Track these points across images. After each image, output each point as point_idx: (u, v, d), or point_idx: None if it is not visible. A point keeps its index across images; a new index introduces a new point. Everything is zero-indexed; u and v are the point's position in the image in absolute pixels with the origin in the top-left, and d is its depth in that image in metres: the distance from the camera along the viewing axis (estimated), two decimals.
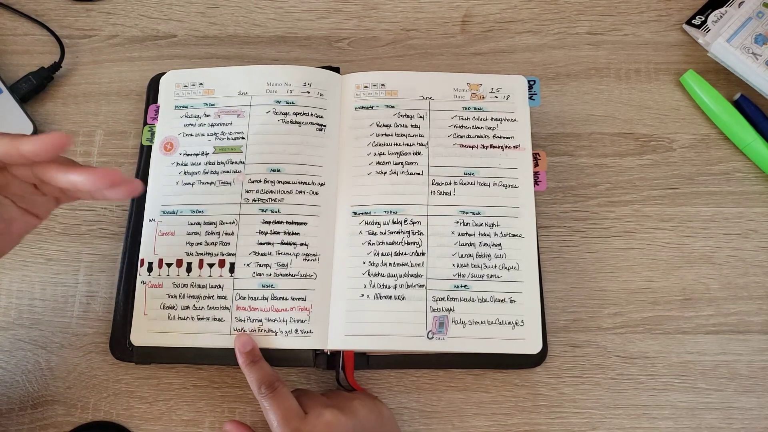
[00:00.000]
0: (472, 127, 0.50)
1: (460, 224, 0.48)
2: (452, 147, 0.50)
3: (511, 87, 0.51)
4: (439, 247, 0.47)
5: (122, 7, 0.59)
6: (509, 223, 0.48)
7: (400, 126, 0.50)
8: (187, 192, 0.49)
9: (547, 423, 0.47)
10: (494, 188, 0.48)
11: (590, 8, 0.59)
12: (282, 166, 0.49)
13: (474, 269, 0.47)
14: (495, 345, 0.45)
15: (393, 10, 0.59)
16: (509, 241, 0.47)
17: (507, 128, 0.50)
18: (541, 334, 0.46)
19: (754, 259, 0.51)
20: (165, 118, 0.51)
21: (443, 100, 0.51)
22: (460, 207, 0.48)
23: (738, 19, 0.55)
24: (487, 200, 0.48)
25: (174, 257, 0.47)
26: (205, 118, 0.51)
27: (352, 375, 0.46)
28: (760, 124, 0.53)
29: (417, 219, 0.48)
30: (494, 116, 0.50)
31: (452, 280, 0.46)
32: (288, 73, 0.51)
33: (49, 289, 0.50)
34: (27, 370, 0.48)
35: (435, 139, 0.50)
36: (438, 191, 0.48)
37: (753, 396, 0.48)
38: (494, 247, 0.47)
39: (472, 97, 0.51)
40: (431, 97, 0.51)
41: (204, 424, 0.47)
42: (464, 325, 0.45)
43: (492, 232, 0.47)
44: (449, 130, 0.50)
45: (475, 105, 0.51)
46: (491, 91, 0.51)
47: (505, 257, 0.47)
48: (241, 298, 0.46)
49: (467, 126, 0.50)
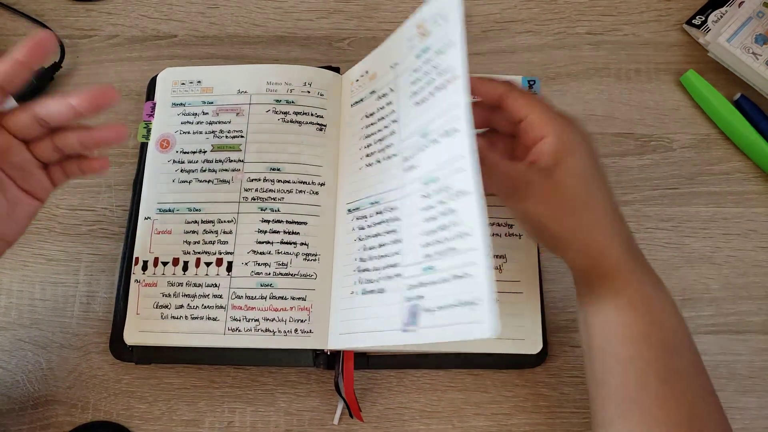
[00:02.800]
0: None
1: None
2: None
3: None
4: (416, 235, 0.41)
5: (122, 7, 0.59)
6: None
7: (378, 109, 0.46)
8: (184, 190, 0.49)
9: (548, 423, 0.47)
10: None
11: (590, 8, 0.59)
12: (282, 165, 0.49)
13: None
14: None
15: (393, 10, 0.59)
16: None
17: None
18: (541, 334, 0.46)
19: (753, 259, 0.51)
20: (161, 115, 0.51)
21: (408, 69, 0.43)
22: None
23: (738, 18, 0.55)
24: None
25: (170, 256, 0.47)
26: (203, 116, 0.50)
27: (352, 375, 0.45)
28: (760, 124, 0.53)
29: (415, 218, 0.41)
30: None
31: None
32: (288, 72, 0.51)
33: (49, 289, 0.50)
34: (27, 370, 0.48)
35: (404, 109, 0.43)
36: (407, 167, 0.42)
37: (753, 396, 0.48)
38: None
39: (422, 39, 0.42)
40: (397, 63, 0.44)
41: (204, 424, 0.47)
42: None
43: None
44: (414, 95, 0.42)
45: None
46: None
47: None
48: (237, 297, 0.46)
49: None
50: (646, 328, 0.37)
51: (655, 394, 0.36)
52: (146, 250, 0.47)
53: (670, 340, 0.37)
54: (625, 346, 0.37)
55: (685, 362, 0.37)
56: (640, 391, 0.36)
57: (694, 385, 0.37)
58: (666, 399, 0.36)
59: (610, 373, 0.38)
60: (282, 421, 0.47)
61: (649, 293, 0.38)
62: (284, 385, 0.48)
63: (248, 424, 0.47)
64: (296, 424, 0.47)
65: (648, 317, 0.37)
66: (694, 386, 0.37)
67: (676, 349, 0.37)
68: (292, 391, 0.47)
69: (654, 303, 0.38)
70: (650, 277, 0.39)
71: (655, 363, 0.36)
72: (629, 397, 0.36)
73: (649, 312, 0.37)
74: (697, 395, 0.37)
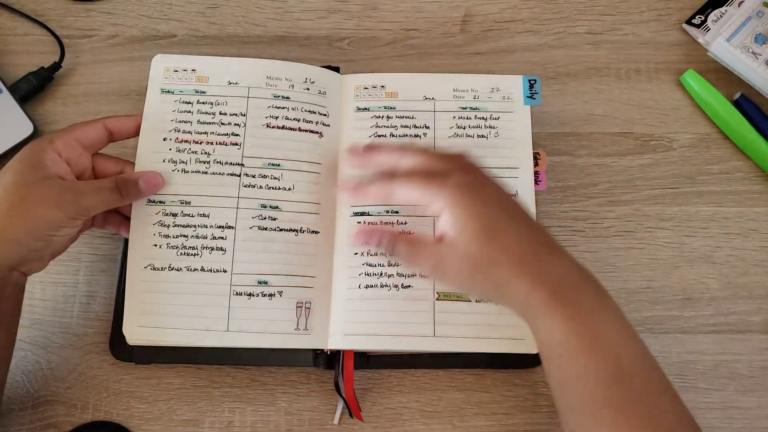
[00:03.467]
0: (472, 127, 0.50)
1: None
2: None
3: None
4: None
5: (122, 7, 0.59)
6: None
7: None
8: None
9: (548, 423, 0.47)
10: None
11: (590, 8, 0.59)
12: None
13: None
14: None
15: (393, 9, 0.59)
16: None
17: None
18: None
19: (754, 258, 0.51)
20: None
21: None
22: None
23: (738, 18, 0.55)
24: None
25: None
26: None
27: (352, 375, 0.45)
28: (760, 123, 0.53)
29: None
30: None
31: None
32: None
33: (49, 289, 0.50)
34: (27, 370, 0.48)
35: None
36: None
37: (753, 396, 0.48)
38: None
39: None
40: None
41: (204, 424, 0.47)
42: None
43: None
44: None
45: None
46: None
47: None
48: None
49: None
50: (596, 366, 0.36)
51: (612, 422, 0.35)
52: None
53: (623, 369, 0.36)
54: (578, 390, 0.36)
55: (641, 386, 0.36)
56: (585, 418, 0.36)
57: (658, 402, 0.35)
58: (620, 425, 0.35)
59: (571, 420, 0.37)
60: (282, 421, 0.47)
61: (590, 324, 0.36)
62: (284, 385, 0.48)
63: (248, 424, 0.47)
64: (296, 424, 0.47)
65: (596, 353, 0.36)
66: (659, 404, 0.35)
67: (629, 376, 0.36)
68: (292, 391, 0.47)
69: (599, 334, 0.36)
70: (592, 299, 0.37)
71: (608, 400, 0.35)
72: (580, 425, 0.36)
73: (597, 348, 0.36)
74: (662, 411, 0.35)
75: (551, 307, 0.36)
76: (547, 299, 0.36)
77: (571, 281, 0.38)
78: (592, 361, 0.36)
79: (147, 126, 0.48)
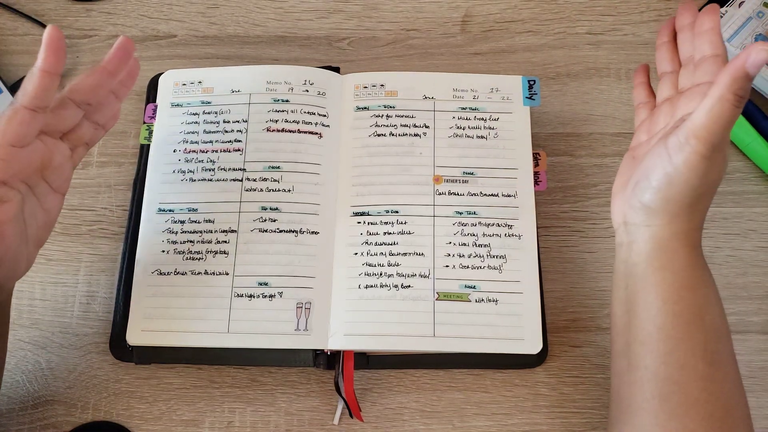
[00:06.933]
0: (472, 128, 0.50)
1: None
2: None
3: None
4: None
5: (122, 7, 0.59)
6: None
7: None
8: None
9: (548, 423, 0.47)
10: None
11: (590, 8, 0.59)
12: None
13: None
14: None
15: (393, 10, 0.59)
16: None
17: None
18: (541, 334, 0.46)
19: (753, 259, 0.51)
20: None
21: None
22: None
23: (738, 18, 0.55)
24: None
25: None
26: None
27: (352, 375, 0.46)
28: (760, 123, 0.53)
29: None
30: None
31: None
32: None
33: (49, 289, 0.50)
34: (27, 370, 0.48)
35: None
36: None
37: (753, 396, 0.48)
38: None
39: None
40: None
41: (204, 424, 0.47)
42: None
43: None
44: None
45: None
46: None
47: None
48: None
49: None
50: (699, 309, 0.37)
51: (700, 376, 0.35)
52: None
53: (718, 324, 0.37)
54: (676, 326, 0.36)
55: (728, 350, 0.37)
56: (683, 372, 0.36)
57: (732, 374, 0.37)
58: (708, 383, 0.35)
59: (651, 352, 0.37)
60: (282, 421, 0.47)
61: (706, 275, 0.38)
62: (284, 385, 0.48)
63: (248, 424, 0.47)
64: (296, 424, 0.47)
65: (702, 298, 0.37)
66: (733, 376, 0.37)
67: (723, 334, 0.37)
68: (292, 391, 0.47)
69: (709, 285, 0.38)
70: (704, 260, 0.39)
71: (703, 345, 0.36)
72: (670, 378, 0.36)
73: (704, 293, 0.37)
74: (735, 385, 0.36)
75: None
76: (699, 264, 0.39)
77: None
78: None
79: (158, 138, 0.50)
